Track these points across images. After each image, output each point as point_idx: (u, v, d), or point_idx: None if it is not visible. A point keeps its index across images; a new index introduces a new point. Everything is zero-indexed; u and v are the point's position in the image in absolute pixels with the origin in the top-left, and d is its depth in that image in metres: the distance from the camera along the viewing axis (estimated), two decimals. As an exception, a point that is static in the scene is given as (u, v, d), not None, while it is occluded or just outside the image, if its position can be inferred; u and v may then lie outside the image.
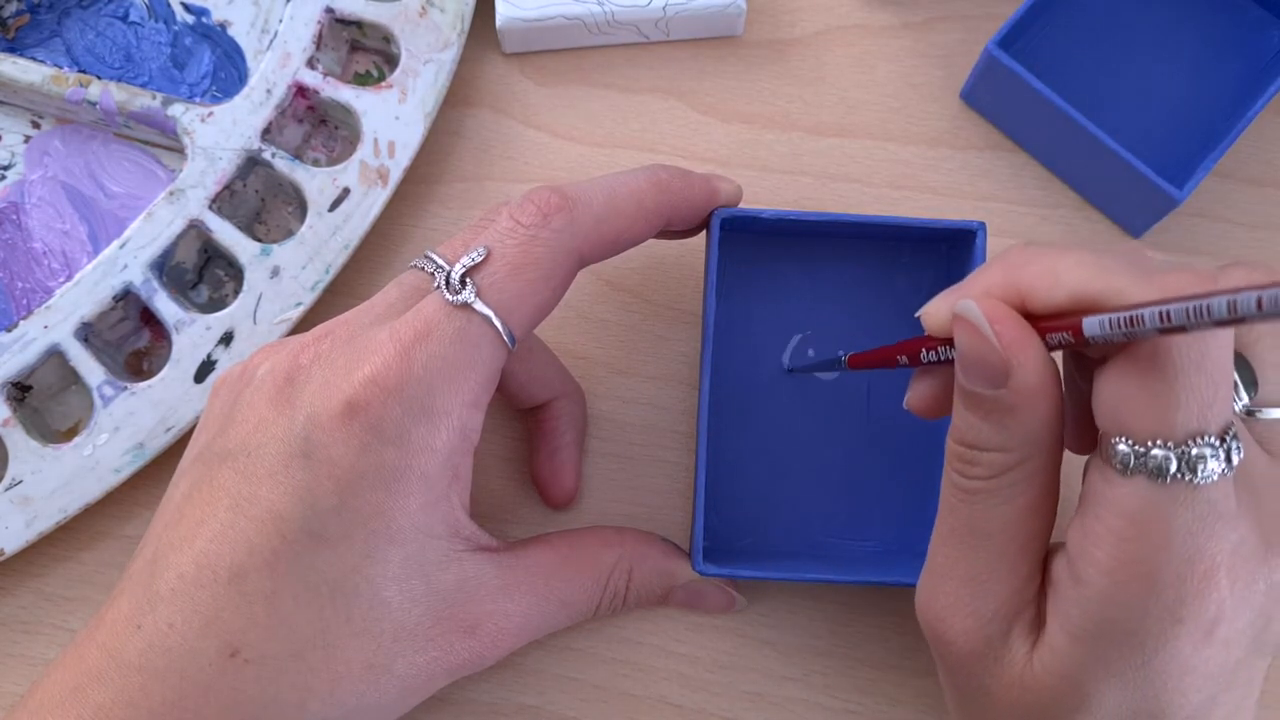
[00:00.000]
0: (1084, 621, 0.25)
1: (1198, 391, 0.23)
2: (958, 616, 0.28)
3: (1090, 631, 0.25)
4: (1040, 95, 0.38)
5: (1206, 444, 0.23)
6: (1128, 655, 0.25)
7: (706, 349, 0.35)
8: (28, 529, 0.37)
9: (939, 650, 0.29)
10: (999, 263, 0.27)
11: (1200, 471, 0.23)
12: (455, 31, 0.41)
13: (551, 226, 0.31)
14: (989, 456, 0.26)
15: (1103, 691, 0.26)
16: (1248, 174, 0.41)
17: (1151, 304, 0.22)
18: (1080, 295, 0.24)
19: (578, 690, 0.38)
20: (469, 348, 0.30)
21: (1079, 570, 0.25)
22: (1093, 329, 0.23)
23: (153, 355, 0.41)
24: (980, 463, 0.27)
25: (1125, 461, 0.24)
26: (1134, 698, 0.25)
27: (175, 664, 0.28)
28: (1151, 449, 0.24)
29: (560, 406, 0.38)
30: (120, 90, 0.40)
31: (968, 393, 0.26)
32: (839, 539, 0.38)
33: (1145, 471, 0.24)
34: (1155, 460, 0.24)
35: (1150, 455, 0.24)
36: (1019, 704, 0.27)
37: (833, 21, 0.43)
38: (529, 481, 0.39)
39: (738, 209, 0.35)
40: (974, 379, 0.26)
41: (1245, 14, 0.41)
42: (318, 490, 0.29)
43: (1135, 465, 0.24)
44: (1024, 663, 0.27)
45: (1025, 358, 0.25)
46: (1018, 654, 0.27)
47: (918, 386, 0.31)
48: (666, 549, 0.37)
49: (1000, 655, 0.27)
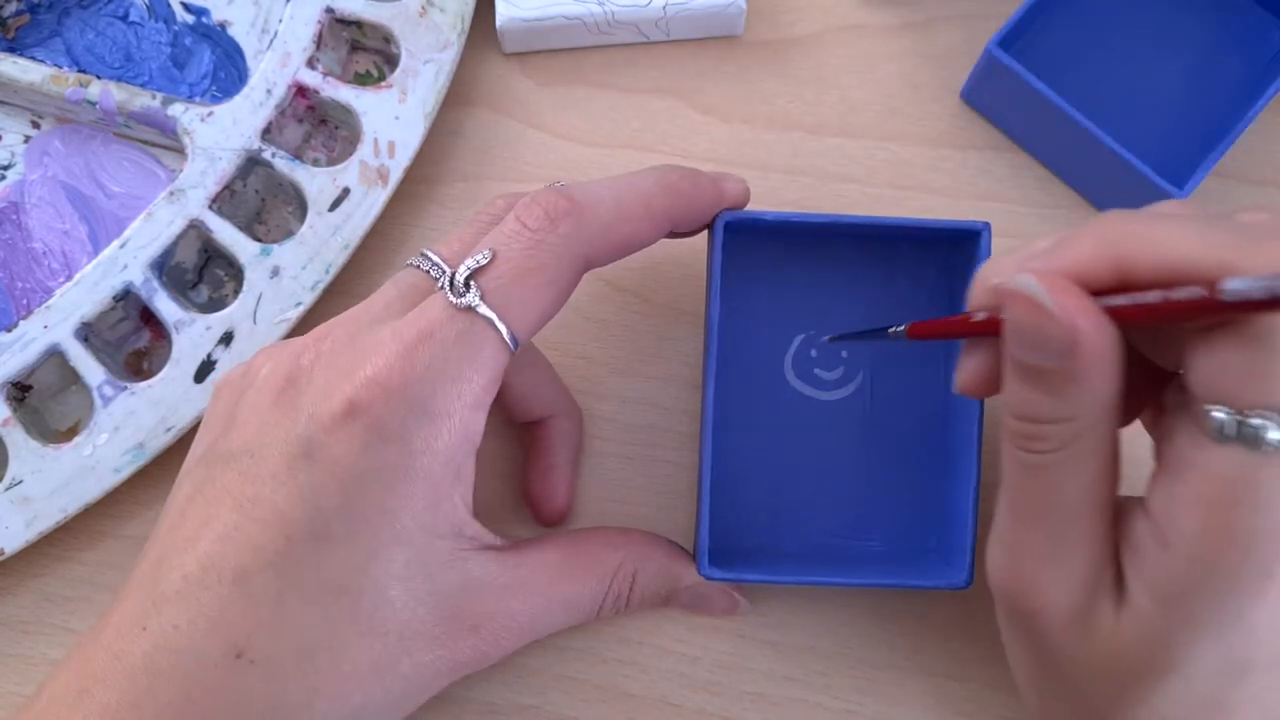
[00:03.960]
0: (1173, 585, 0.26)
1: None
2: (1042, 589, 0.28)
3: (1179, 595, 0.26)
4: (1040, 95, 0.38)
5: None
6: (1219, 615, 0.25)
7: (710, 352, 0.35)
8: (28, 529, 0.37)
9: (1024, 627, 0.29)
10: (1089, 233, 0.26)
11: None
12: (455, 31, 0.41)
13: (558, 231, 0.30)
14: (1054, 429, 0.26)
15: (1193, 650, 0.26)
16: (1248, 174, 0.41)
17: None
18: (1184, 267, 0.24)
19: (578, 690, 0.38)
20: (472, 350, 0.29)
21: (1165, 535, 0.26)
22: (1235, 286, 0.23)
23: (153, 355, 0.41)
24: (1045, 436, 0.27)
25: (1222, 429, 0.24)
26: (1224, 653, 0.26)
27: (181, 665, 0.28)
28: (1251, 418, 0.24)
29: (557, 425, 0.38)
30: (120, 90, 0.40)
31: (1026, 367, 0.26)
32: (843, 540, 0.38)
33: (1242, 440, 0.24)
34: (1254, 429, 0.24)
35: (1249, 424, 0.24)
36: (1108, 669, 0.27)
37: (833, 21, 0.43)
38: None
39: (741, 212, 0.35)
40: (1033, 353, 0.26)
41: (1245, 14, 0.42)
42: (321, 491, 0.29)
43: (1233, 433, 0.24)
44: (1111, 626, 0.27)
45: (1087, 324, 0.25)
46: (1104, 618, 0.27)
47: (968, 365, 0.30)
48: (671, 551, 0.37)
49: (1088, 622, 0.27)
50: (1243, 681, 0.26)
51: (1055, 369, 0.25)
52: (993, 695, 0.38)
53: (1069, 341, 0.25)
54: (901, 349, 0.38)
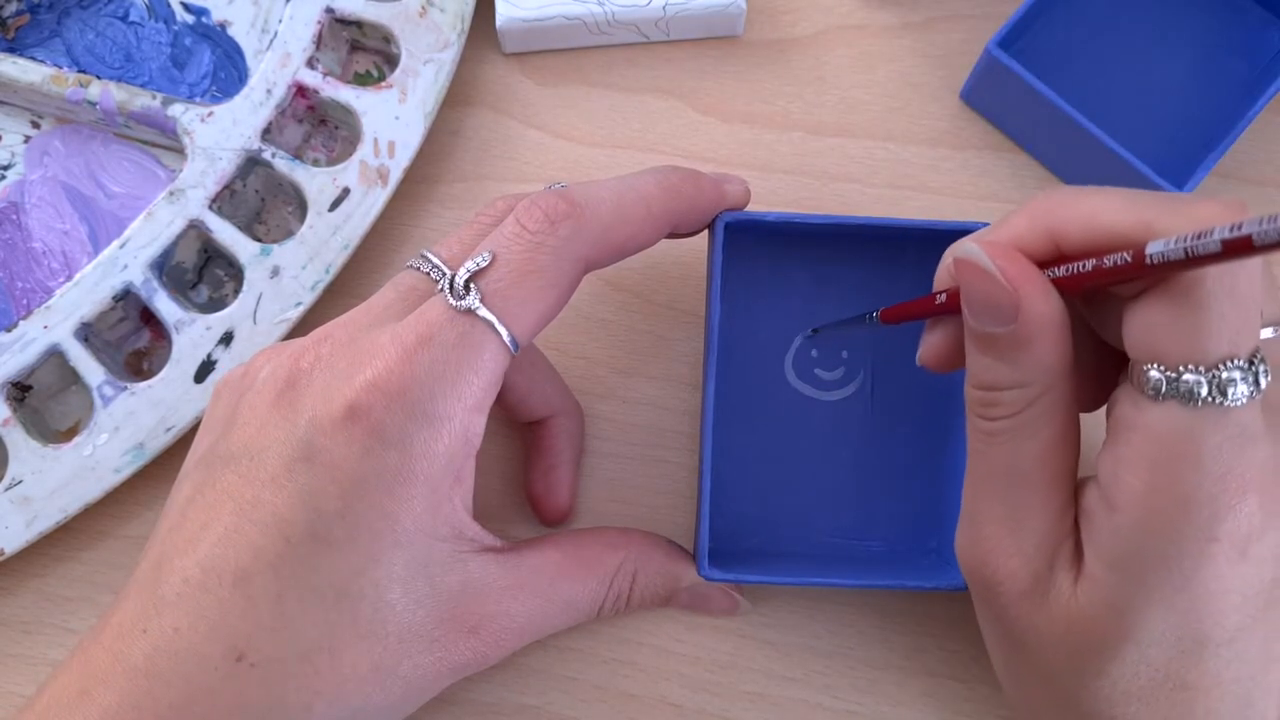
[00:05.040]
0: (1120, 548, 0.26)
1: (1228, 318, 0.24)
2: (1001, 558, 0.28)
3: (1127, 558, 0.26)
4: (1040, 95, 0.38)
5: (1236, 367, 0.24)
6: (1166, 578, 0.26)
7: (710, 353, 0.35)
8: (28, 529, 0.37)
9: (985, 595, 0.30)
10: (1024, 210, 0.28)
11: (1230, 394, 0.24)
12: (455, 31, 0.41)
13: (558, 234, 0.30)
14: (1008, 395, 0.27)
15: (1146, 618, 0.26)
16: (1248, 174, 0.41)
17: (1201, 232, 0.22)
18: (1113, 234, 0.25)
19: (578, 690, 0.38)
20: (472, 353, 0.29)
21: (1112, 497, 0.26)
22: (1157, 248, 0.24)
23: (153, 355, 0.41)
24: (1001, 402, 0.27)
25: (1157, 387, 0.25)
26: (1177, 623, 0.26)
27: (181, 668, 0.28)
28: (1183, 374, 0.25)
29: (558, 424, 0.38)
30: (120, 90, 0.40)
31: (979, 335, 0.27)
32: (843, 540, 0.38)
33: (1177, 396, 0.25)
34: (1187, 385, 0.24)
35: (1182, 380, 0.25)
36: (1067, 638, 0.28)
37: (833, 21, 0.43)
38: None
39: (741, 212, 0.35)
40: (984, 319, 0.27)
41: (1245, 14, 0.42)
42: (321, 493, 0.29)
43: (1167, 390, 0.25)
44: (1069, 595, 0.27)
45: (1031, 289, 0.26)
46: (1063, 587, 0.27)
47: (930, 339, 0.31)
48: (671, 551, 0.37)
49: (1046, 591, 0.28)
50: (1201, 658, 0.26)
51: (1006, 335, 0.26)
52: (993, 695, 0.38)
53: (1012, 303, 0.26)
54: (901, 349, 0.38)
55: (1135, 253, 0.24)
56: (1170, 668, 0.27)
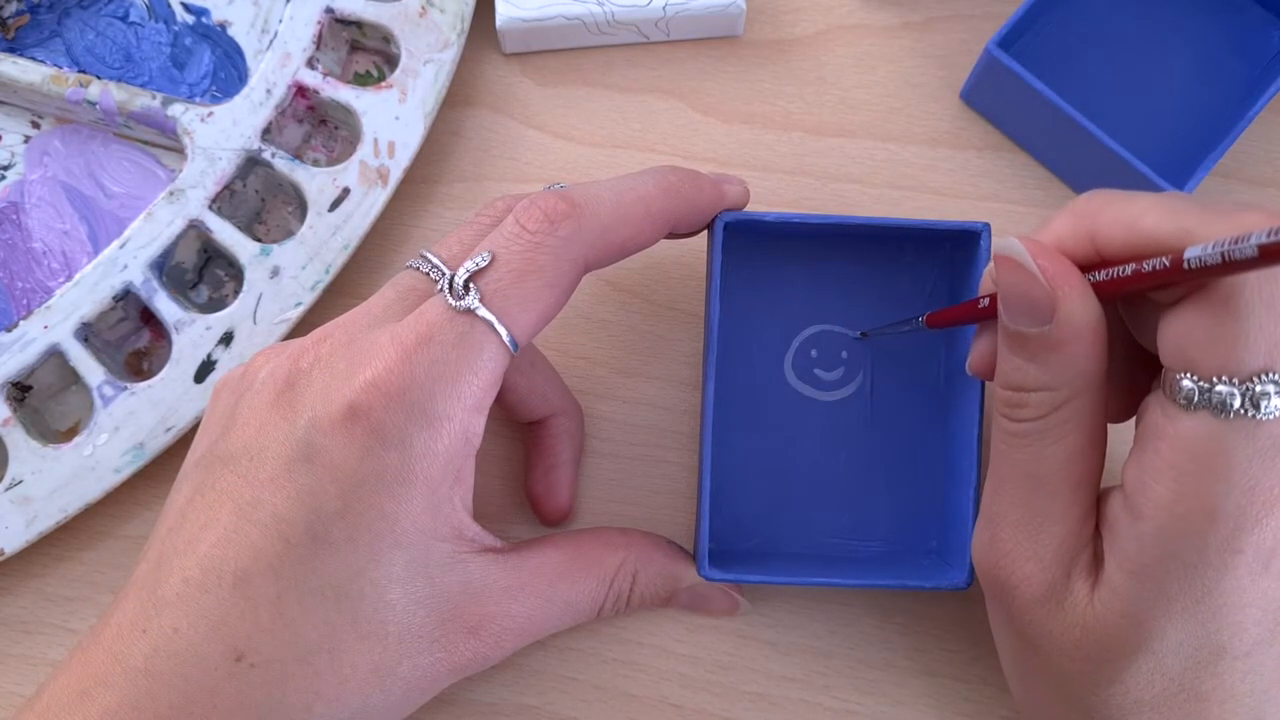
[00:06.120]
0: (1143, 557, 0.26)
1: (1266, 330, 0.24)
2: (1018, 561, 0.28)
3: (1149, 567, 0.26)
4: (1040, 95, 0.38)
5: (1271, 381, 0.24)
6: (1187, 589, 0.26)
7: (710, 353, 0.35)
8: (28, 529, 0.37)
9: (1000, 598, 0.29)
10: (1067, 211, 0.27)
11: (1263, 407, 0.24)
12: (455, 31, 0.41)
13: (558, 234, 0.30)
14: (1037, 397, 0.27)
15: (1164, 628, 0.26)
16: (1249, 174, 0.41)
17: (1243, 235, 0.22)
18: (1153, 240, 0.25)
19: (578, 690, 0.38)
20: (471, 353, 0.29)
21: (1137, 505, 0.26)
22: (1194, 253, 0.23)
23: (153, 355, 0.41)
24: (1028, 404, 0.27)
25: (1190, 396, 0.25)
26: (1195, 633, 0.26)
27: (181, 668, 0.28)
28: (1217, 385, 0.24)
29: (558, 424, 0.38)
30: (120, 90, 0.40)
31: (1013, 334, 0.27)
32: (843, 540, 0.38)
33: (1209, 407, 0.24)
34: (1219, 395, 0.24)
35: (1215, 390, 0.24)
36: (1082, 645, 0.27)
37: (833, 21, 0.43)
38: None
39: (741, 213, 0.35)
40: (1018, 317, 0.27)
41: (1245, 14, 0.41)
42: (320, 494, 0.29)
43: (1199, 400, 0.25)
44: (1085, 603, 0.27)
45: (1070, 290, 0.26)
46: (1079, 595, 0.27)
47: (979, 346, 0.31)
48: (671, 552, 0.37)
49: (1062, 598, 0.28)
50: (1216, 669, 0.26)
51: (1039, 336, 0.26)
52: (994, 695, 0.38)
53: (1050, 303, 0.26)
54: (900, 350, 0.38)
55: (1174, 258, 0.24)
56: (1185, 678, 0.26)
